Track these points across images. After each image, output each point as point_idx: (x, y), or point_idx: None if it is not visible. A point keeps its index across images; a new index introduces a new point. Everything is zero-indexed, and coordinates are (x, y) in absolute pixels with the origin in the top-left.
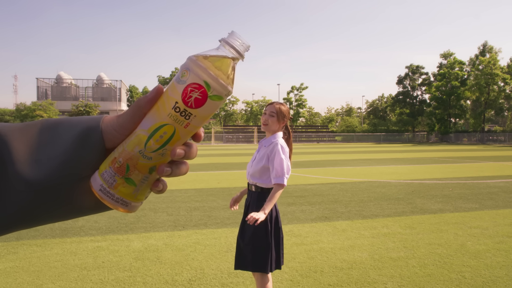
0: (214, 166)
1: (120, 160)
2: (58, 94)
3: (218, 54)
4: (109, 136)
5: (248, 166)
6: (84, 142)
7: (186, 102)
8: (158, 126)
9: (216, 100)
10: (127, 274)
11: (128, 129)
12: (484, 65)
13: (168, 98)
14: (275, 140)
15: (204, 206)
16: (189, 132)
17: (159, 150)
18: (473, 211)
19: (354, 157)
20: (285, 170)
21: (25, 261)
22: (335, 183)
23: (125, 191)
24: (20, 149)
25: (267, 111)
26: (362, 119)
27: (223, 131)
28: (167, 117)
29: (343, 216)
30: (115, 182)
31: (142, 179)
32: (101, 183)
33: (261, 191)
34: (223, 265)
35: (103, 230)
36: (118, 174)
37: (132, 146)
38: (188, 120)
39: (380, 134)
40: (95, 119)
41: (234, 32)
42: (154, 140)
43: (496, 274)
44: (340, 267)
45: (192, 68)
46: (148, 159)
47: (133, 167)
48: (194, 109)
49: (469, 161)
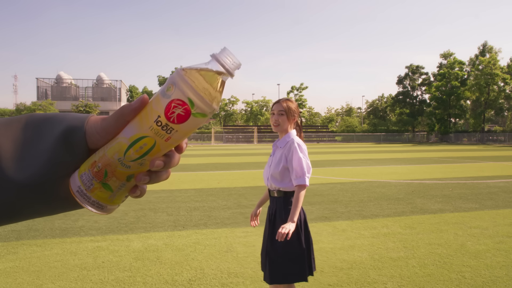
0: (214, 166)
1: (99, 165)
2: (58, 94)
3: (207, 70)
4: (92, 138)
5: (265, 171)
6: (66, 142)
7: (168, 117)
8: (138, 137)
9: (199, 117)
10: (127, 274)
11: (110, 134)
12: (484, 65)
13: (152, 110)
14: (290, 139)
15: (204, 206)
16: (170, 145)
17: (138, 160)
18: (473, 211)
19: (354, 157)
20: (305, 169)
21: (25, 261)
22: (335, 183)
23: (101, 196)
24: (5, 144)
25: (275, 111)
26: (362, 119)
27: (223, 131)
28: (148, 130)
29: (343, 216)
30: (92, 186)
31: (119, 185)
32: (79, 185)
33: (285, 196)
34: (223, 265)
35: (103, 230)
36: (96, 178)
37: (112, 152)
38: (169, 135)
39: (380, 134)
40: (80, 119)
41: (225, 49)
42: (134, 150)
43: (496, 274)
44: (340, 267)
45: (178, 83)
46: (127, 167)
47: (111, 174)
48: (176, 125)
49: (469, 161)
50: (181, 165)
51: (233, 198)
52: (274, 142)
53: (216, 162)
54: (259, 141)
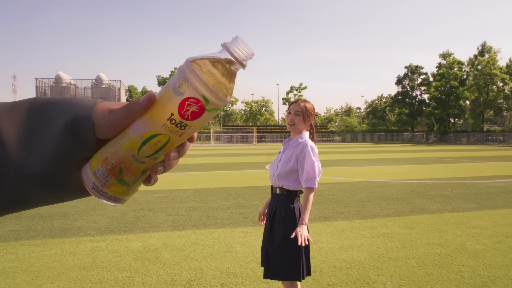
0: (213, 166)
1: (112, 162)
2: (57, 94)
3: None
4: (100, 129)
5: (271, 167)
6: (74, 132)
7: (182, 115)
8: (152, 134)
9: (213, 112)
10: (126, 274)
11: (119, 128)
12: (483, 65)
13: (164, 107)
14: (303, 140)
15: (203, 206)
16: (183, 139)
17: (153, 156)
18: (472, 211)
19: (353, 157)
20: (316, 173)
21: (24, 262)
22: (334, 183)
23: (118, 190)
24: (9, 130)
25: (291, 110)
26: (361, 119)
27: (222, 131)
28: (162, 127)
29: (342, 216)
30: (108, 182)
31: (135, 180)
32: (94, 181)
33: (288, 194)
34: (222, 265)
35: (102, 230)
36: (111, 175)
37: (125, 149)
38: (183, 130)
39: (379, 134)
40: (88, 108)
41: (237, 38)
42: (148, 147)
43: (495, 274)
44: (339, 267)
45: (191, 81)
46: (141, 163)
47: (126, 170)
48: (190, 121)
49: (468, 161)
50: (180, 165)
51: (232, 198)
52: (285, 140)
53: (216, 162)
54: (259, 141)
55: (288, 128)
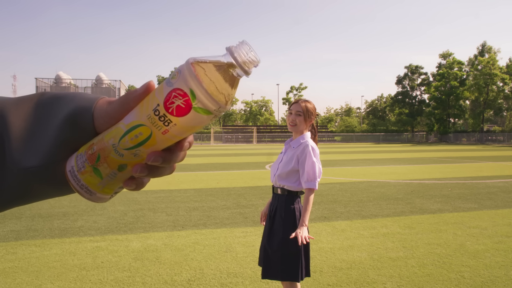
0: (213, 166)
1: (94, 148)
2: None
3: (218, 63)
4: (97, 121)
5: (273, 168)
6: (73, 123)
7: (167, 108)
8: (135, 124)
9: (201, 113)
10: (126, 274)
11: (114, 119)
12: (483, 65)
13: (153, 98)
14: (305, 141)
15: (203, 206)
16: (168, 140)
17: (132, 150)
18: (472, 211)
19: (353, 157)
20: (317, 173)
21: (24, 262)
22: (334, 183)
23: (90, 180)
24: (16, 124)
25: (293, 110)
26: (361, 119)
27: (222, 131)
28: (146, 118)
29: (342, 216)
30: (83, 168)
31: (109, 173)
32: (72, 165)
33: (289, 194)
34: (222, 265)
35: (102, 230)
36: (88, 161)
37: (108, 137)
38: (167, 127)
39: (379, 134)
40: (89, 100)
41: (244, 43)
42: (129, 138)
43: (495, 274)
44: (339, 267)
45: (183, 72)
46: (120, 155)
47: (103, 159)
48: (175, 117)
49: (468, 161)
50: (180, 165)
51: (232, 198)
52: (287, 141)
53: (216, 162)
54: (259, 141)
55: (290, 129)
